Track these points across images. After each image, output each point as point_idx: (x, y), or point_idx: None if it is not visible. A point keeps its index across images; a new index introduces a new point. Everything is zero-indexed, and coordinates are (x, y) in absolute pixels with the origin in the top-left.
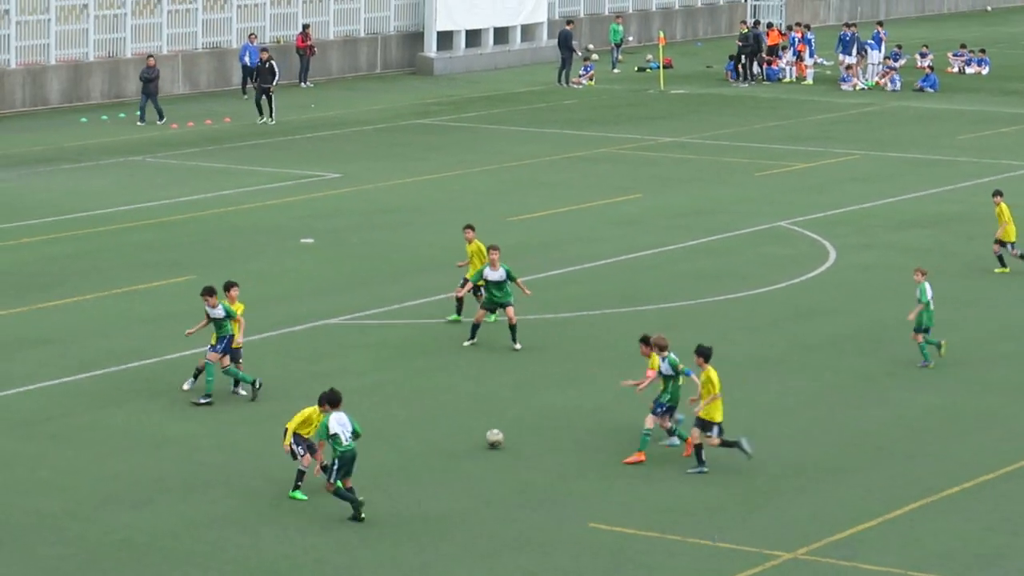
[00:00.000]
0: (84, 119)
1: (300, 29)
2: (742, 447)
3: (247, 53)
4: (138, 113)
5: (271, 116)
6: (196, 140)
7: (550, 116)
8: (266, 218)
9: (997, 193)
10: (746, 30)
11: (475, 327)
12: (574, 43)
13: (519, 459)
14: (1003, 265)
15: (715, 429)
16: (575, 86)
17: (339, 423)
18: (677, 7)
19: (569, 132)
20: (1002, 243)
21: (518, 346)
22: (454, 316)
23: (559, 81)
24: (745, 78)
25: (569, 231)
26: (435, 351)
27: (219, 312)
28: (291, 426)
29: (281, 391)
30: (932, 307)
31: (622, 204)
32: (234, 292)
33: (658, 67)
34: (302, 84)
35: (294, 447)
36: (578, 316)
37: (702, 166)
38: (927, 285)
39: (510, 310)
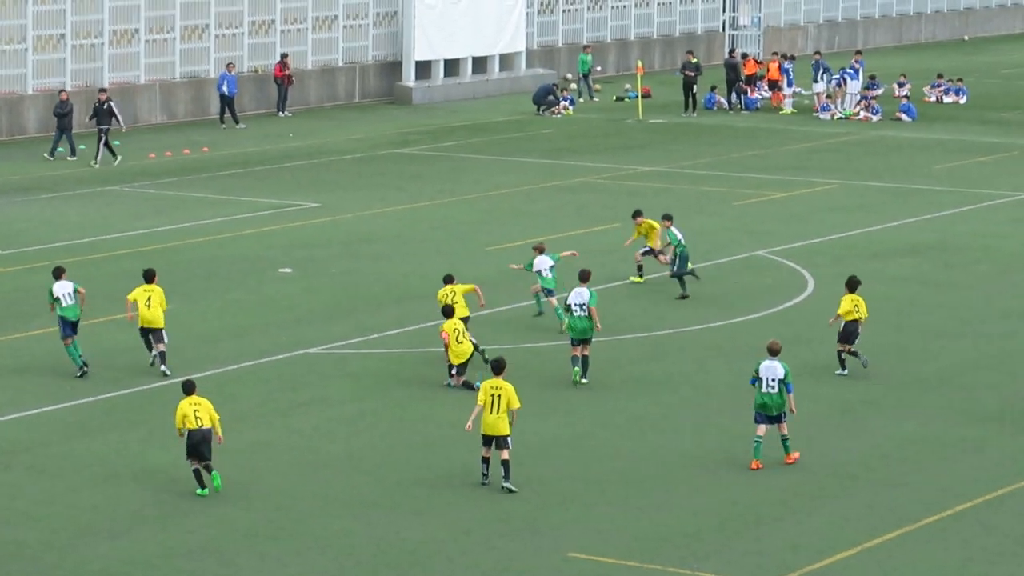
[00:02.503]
0: (61, 148)
1: (278, 58)
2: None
3: (225, 82)
4: (49, 148)
5: (96, 159)
6: (174, 169)
7: (529, 145)
8: (244, 248)
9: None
10: (694, 59)
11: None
12: (550, 98)
13: (498, 488)
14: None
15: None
16: (554, 115)
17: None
18: (655, 36)
19: (548, 161)
20: (651, 252)
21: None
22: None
23: (538, 111)
24: (692, 109)
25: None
26: (414, 381)
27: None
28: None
29: (262, 420)
30: (549, 275)
31: (601, 233)
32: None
33: (636, 96)
34: (280, 114)
35: None
36: (556, 345)
37: (681, 195)
38: (544, 256)
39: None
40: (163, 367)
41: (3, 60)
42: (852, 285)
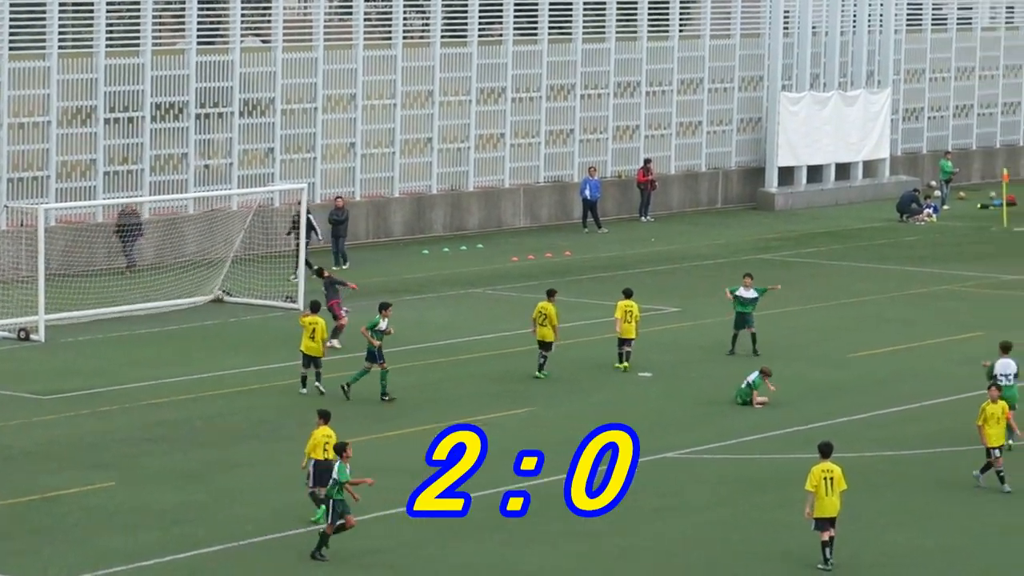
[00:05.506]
0: (426, 251)
1: (641, 163)
2: None
3: (588, 187)
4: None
5: (295, 273)
6: (536, 273)
7: (891, 252)
8: (599, 352)
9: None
10: None
11: None
12: (913, 206)
13: None
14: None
15: None
16: (918, 223)
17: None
18: (1022, 143)
19: (910, 268)
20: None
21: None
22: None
23: (901, 218)
24: None
25: (908, 368)
26: (772, 486)
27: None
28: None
29: (625, 526)
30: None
31: (963, 342)
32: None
33: (1001, 204)
34: (642, 218)
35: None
36: (917, 454)
37: None
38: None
39: None
40: (318, 384)
41: (372, 164)
42: None
